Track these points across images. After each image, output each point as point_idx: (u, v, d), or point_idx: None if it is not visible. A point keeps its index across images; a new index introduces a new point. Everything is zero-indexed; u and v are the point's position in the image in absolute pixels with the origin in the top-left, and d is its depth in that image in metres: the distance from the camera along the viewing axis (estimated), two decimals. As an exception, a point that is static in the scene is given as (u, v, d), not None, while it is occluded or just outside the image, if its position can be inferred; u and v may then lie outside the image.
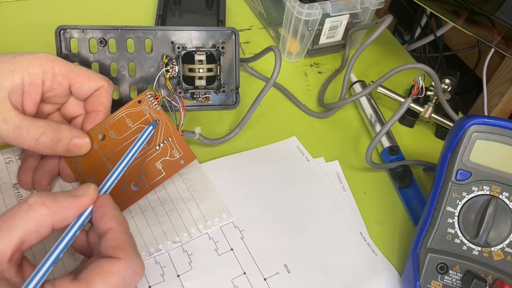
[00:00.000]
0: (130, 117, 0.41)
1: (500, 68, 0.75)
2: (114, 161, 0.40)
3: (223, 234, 0.41)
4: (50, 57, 0.38)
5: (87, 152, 0.40)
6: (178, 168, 0.41)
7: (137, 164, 0.40)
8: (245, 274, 0.38)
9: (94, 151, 0.40)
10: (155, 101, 0.41)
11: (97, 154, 0.40)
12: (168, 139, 0.41)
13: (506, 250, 0.37)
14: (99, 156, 0.40)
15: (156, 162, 0.41)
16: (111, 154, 0.40)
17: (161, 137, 0.41)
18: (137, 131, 0.41)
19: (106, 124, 0.41)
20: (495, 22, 0.50)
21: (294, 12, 0.54)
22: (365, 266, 0.41)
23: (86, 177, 0.40)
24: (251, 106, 0.48)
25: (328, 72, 0.60)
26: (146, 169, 0.40)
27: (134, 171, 0.40)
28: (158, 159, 0.41)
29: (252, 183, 0.45)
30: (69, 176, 0.40)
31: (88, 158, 0.40)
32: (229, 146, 0.48)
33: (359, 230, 0.43)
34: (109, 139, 0.40)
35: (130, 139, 0.41)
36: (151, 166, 0.40)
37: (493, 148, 0.37)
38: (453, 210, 0.38)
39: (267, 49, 0.49)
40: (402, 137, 0.53)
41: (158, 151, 0.41)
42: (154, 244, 0.39)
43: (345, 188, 0.46)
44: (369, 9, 0.57)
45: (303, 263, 0.40)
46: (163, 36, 0.47)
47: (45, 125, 0.37)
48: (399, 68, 0.48)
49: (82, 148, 0.39)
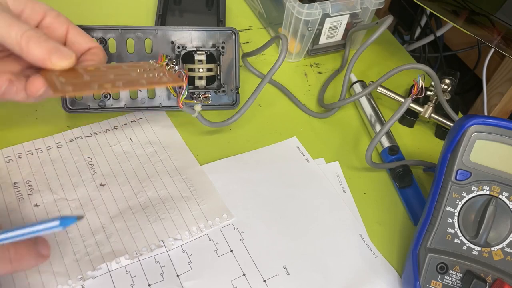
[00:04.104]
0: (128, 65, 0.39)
1: (500, 68, 0.75)
2: (95, 77, 0.35)
3: (223, 236, 0.41)
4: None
5: (68, 67, 0.35)
6: (161, 83, 0.38)
7: (120, 76, 0.36)
8: (244, 276, 0.38)
9: (77, 71, 0.36)
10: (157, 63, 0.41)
11: (78, 72, 0.36)
12: (161, 74, 0.38)
13: (506, 250, 0.37)
14: (80, 73, 0.36)
15: (141, 80, 0.36)
16: (95, 72, 0.36)
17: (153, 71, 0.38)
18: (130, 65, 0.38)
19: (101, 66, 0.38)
20: (495, 22, 0.50)
21: (294, 12, 0.54)
22: (365, 267, 0.41)
23: (57, 80, 0.34)
24: (259, 85, 0.47)
25: (328, 72, 0.60)
26: (127, 80, 0.36)
27: (113, 81, 0.35)
28: (144, 79, 0.37)
29: (252, 185, 0.45)
30: (39, 83, 0.35)
31: (67, 72, 0.35)
32: (229, 146, 0.48)
33: (358, 232, 0.43)
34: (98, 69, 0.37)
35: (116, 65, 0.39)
36: (133, 80, 0.36)
37: (493, 148, 0.37)
38: (453, 210, 0.38)
39: (275, 37, 0.49)
40: (402, 137, 0.53)
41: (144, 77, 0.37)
42: (155, 240, 0.39)
43: (345, 189, 0.46)
44: (369, 9, 0.57)
45: (303, 265, 0.40)
46: (163, 36, 0.47)
47: (36, 28, 0.36)
48: (399, 68, 0.48)
49: (64, 57, 0.35)
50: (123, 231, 0.39)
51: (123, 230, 0.39)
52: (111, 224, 0.40)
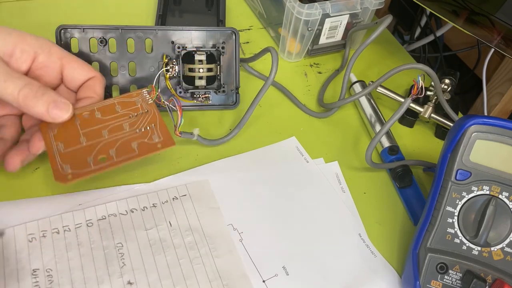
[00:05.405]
0: (120, 105, 0.42)
1: (500, 68, 0.75)
2: (90, 137, 0.39)
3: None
4: (50, 41, 0.39)
5: (66, 120, 0.39)
6: (153, 151, 0.39)
7: (112, 141, 0.39)
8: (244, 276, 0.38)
9: (74, 125, 0.39)
10: (149, 96, 0.43)
11: (75, 128, 0.39)
12: (152, 125, 0.41)
13: (506, 250, 0.37)
14: (76, 129, 0.39)
15: (133, 142, 0.39)
16: (90, 129, 0.40)
17: (145, 123, 0.41)
18: (124, 115, 0.41)
19: (95, 106, 0.41)
20: (495, 22, 0.50)
21: (294, 12, 0.54)
22: (364, 267, 0.41)
23: (55, 144, 0.38)
24: (249, 108, 0.48)
25: (328, 72, 0.60)
26: (120, 146, 0.39)
27: (107, 145, 0.39)
28: (136, 140, 0.40)
29: (251, 186, 0.45)
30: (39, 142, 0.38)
31: (65, 129, 0.39)
32: (229, 146, 0.48)
33: (358, 232, 0.43)
34: (93, 117, 0.40)
35: (114, 121, 0.40)
36: (126, 144, 0.39)
37: (493, 148, 0.37)
38: (453, 210, 0.38)
39: (264, 50, 0.49)
40: (402, 137, 0.53)
41: (138, 134, 0.40)
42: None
43: (344, 189, 0.46)
44: (369, 9, 0.57)
45: (302, 265, 0.40)
46: (163, 36, 0.47)
47: (31, 80, 0.37)
48: (399, 68, 0.48)
49: (62, 111, 0.38)
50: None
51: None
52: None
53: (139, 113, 0.42)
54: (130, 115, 0.41)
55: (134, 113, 0.41)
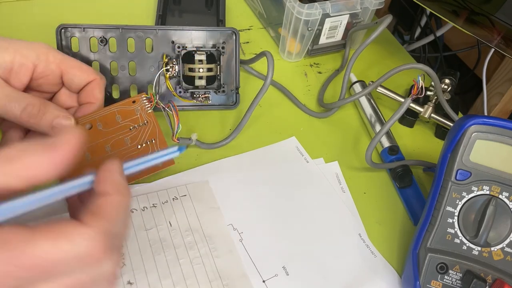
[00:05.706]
0: (120, 114, 0.42)
1: (500, 68, 0.75)
2: (93, 151, 0.40)
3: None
4: (46, 46, 0.39)
5: None
6: (154, 171, 0.40)
7: (112, 157, 0.39)
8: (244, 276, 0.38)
9: None
10: (149, 103, 0.42)
11: None
12: (152, 140, 0.41)
13: (506, 250, 0.37)
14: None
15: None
16: (92, 144, 0.40)
17: (145, 137, 0.41)
18: (124, 127, 0.41)
19: (96, 116, 0.41)
20: (495, 22, 0.50)
21: (294, 12, 0.54)
22: (364, 267, 0.41)
23: None
24: (249, 108, 0.48)
25: (328, 72, 0.60)
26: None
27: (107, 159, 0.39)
28: (135, 149, 0.40)
29: (251, 186, 0.45)
30: None
31: None
32: (229, 146, 0.48)
33: (358, 232, 0.43)
34: (95, 129, 0.41)
35: (115, 134, 0.40)
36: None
37: (493, 148, 0.37)
38: (453, 210, 0.38)
39: (261, 54, 0.49)
40: (402, 137, 0.53)
41: (139, 150, 0.41)
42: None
43: (344, 189, 0.46)
44: (369, 9, 0.57)
45: (302, 265, 0.40)
46: (163, 35, 0.47)
47: (33, 97, 0.37)
48: (399, 68, 0.48)
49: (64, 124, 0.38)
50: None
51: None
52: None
53: (139, 124, 0.42)
54: (131, 127, 0.42)
55: (134, 125, 0.42)
